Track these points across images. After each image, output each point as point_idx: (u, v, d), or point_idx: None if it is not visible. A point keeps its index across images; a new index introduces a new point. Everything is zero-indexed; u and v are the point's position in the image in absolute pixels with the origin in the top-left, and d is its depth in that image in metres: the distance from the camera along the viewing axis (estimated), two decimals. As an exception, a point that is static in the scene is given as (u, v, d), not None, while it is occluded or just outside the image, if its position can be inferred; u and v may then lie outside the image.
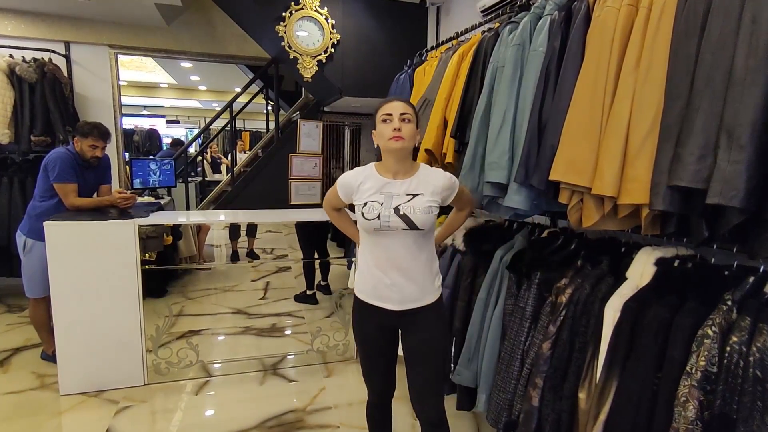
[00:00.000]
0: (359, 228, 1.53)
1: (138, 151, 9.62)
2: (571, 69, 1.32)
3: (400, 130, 1.38)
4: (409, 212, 1.40)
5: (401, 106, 1.41)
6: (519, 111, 1.56)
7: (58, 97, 3.71)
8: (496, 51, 1.71)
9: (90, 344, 2.41)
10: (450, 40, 2.62)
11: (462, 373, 1.92)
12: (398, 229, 1.40)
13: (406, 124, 1.39)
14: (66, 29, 4.02)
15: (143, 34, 4.22)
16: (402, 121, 1.39)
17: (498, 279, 1.84)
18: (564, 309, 1.41)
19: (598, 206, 1.27)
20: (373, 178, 1.48)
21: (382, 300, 1.47)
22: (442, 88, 2.09)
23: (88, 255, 2.36)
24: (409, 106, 1.43)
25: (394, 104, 1.42)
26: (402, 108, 1.41)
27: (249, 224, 5.16)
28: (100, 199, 2.71)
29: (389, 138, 1.39)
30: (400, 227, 1.40)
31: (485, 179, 1.67)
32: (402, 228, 1.40)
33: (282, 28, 3.18)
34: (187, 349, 2.62)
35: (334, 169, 5.65)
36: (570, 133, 1.26)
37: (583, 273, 1.45)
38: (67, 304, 2.36)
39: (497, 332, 1.79)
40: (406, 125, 1.39)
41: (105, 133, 2.66)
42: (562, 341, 1.39)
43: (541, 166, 1.37)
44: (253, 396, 2.47)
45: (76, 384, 2.43)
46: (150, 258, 3.69)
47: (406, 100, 1.47)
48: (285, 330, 3.38)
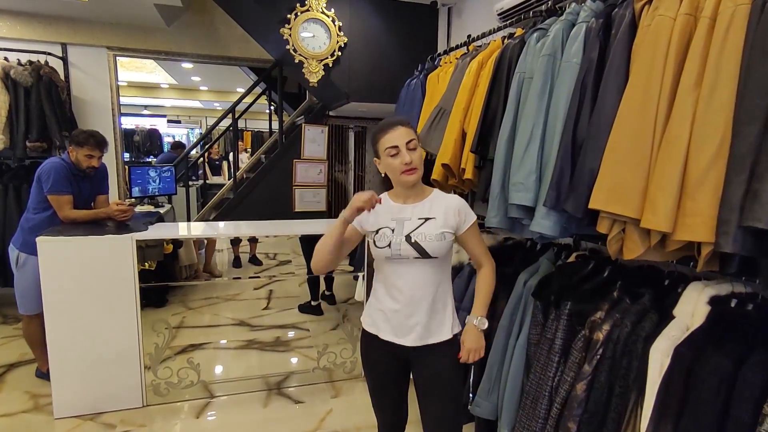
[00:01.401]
0: (372, 254, 1.44)
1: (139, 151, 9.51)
2: (613, 84, 1.18)
3: (412, 162, 1.31)
4: (421, 239, 1.33)
5: (405, 133, 1.32)
6: (549, 127, 1.43)
7: (55, 101, 3.58)
8: (522, 60, 1.58)
9: (85, 365, 2.29)
10: (463, 45, 2.49)
11: (481, 405, 1.79)
12: (410, 257, 1.34)
13: (414, 152, 1.33)
14: (63, 31, 3.89)
15: (143, 35, 4.08)
16: (410, 151, 1.32)
17: (522, 305, 1.71)
18: (601, 347, 1.28)
19: (643, 238, 1.14)
20: (385, 204, 1.42)
21: (395, 334, 1.39)
22: (460, 97, 1.96)
23: (83, 271, 2.24)
24: (411, 129, 1.34)
25: (397, 133, 1.32)
26: (406, 135, 1.32)
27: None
28: (97, 212, 2.58)
29: (402, 172, 1.33)
30: (412, 256, 1.33)
31: (509, 201, 1.53)
32: (414, 257, 1.33)
33: (287, 30, 3.05)
34: (187, 369, 2.50)
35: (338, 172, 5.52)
36: (614, 157, 1.13)
37: (622, 307, 1.32)
38: (60, 322, 2.24)
39: (520, 363, 1.66)
40: (414, 154, 1.33)
41: (102, 142, 2.53)
42: (600, 384, 1.26)
43: (578, 191, 1.24)
44: (257, 419, 2.35)
45: (71, 406, 2.31)
46: (150, 267, 3.57)
47: (405, 120, 1.36)
48: (289, 344, 3.26)
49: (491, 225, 1.66)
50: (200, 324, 3.57)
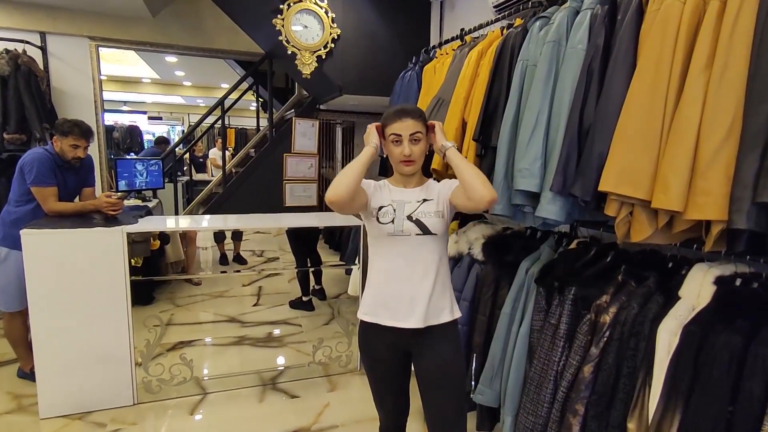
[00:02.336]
0: (371, 239, 1.45)
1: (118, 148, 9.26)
2: (621, 69, 1.20)
3: (411, 155, 1.36)
4: (421, 216, 1.36)
5: (412, 125, 1.36)
6: (554, 113, 1.44)
7: (34, 91, 3.45)
8: (525, 48, 1.59)
9: (73, 362, 2.22)
10: (457, 38, 2.49)
11: (484, 393, 1.80)
12: (411, 234, 1.36)
13: (416, 145, 1.37)
14: (41, 19, 3.75)
15: (126, 25, 3.97)
16: (412, 143, 1.36)
17: (524, 293, 1.72)
18: (609, 329, 1.30)
19: (651, 220, 1.16)
20: (387, 187, 1.47)
21: (395, 318, 1.38)
22: (459, 87, 1.96)
23: (70, 265, 2.16)
24: (419, 121, 1.37)
25: (404, 124, 1.36)
26: (412, 127, 1.36)
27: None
28: (84, 204, 2.49)
29: (399, 162, 1.39)
30: (414, 232, 1.36)
31: (515, 187, 1.54)
32: (416, 233, 1.36)
33: (280, 21, 3.00)
34: (180, 365, 2.44)
35: (325, 168, 5.49)
36: (623, 140, 1.14)
37: (627, 290, 1.34)
38: (46, 318, 2.16)
39: (523, 350, 1.67)
40: (416, 146, 1.37)
41: (87, 132, 2.45)
42: (608, 365, 1.28)
43: (587, 175, 1.25)
44: (252, 415, 2.31)
45: (58, 406, 2.23)
46: (136, 264, 3.47)
47: (416, 111, 1.39)
48: (282, 339, 3.22)
49: (495, 213, 1.67)
50: (189, 321, 3.49)
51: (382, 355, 1.44)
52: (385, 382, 1.50)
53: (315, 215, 3.26)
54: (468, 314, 1.93)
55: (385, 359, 1.45)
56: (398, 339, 1.39)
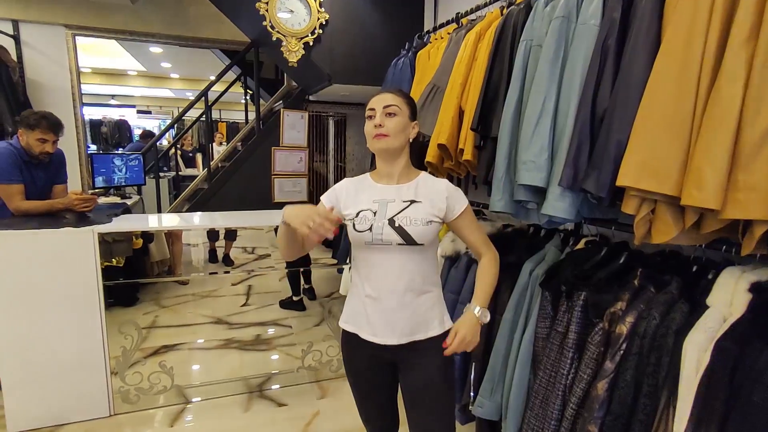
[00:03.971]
0: (351, 246, 1.29)
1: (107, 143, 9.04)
2: (642, 46, 1.04)
3: (382, 126, 1.19)
4: (405, 224, 1.18)
5: (387, 98, 1.22)
6: (562, 99, 1.29)
7: (5, 82, 3.27)
8: (529, 27, 1.43)
9: (43, 372, 2.07)
10: (453, 21, 2.32)
11: (484, 405, 1.66)
12: (393, 243, 1.18)
13: (391, 118, 1.20)
14: (13, 6, 3.55)
15: (105, 13, 3.77)
16: (387, 116, 1.20)
17: (528, 297, 1.57)
18: (625, 342, 1.15)
19: (677, 219, 1.01)
20: (366, 184, 1.29)
21: (375, 333, 1.24)
22: (456, 72, 1.80)
23: (37, 268, 2.00)
24: (399, 96, 1.23)
25: (379, 96, 1.23)
26: (388, 99, 1.21)
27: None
28: (53, 202, 2.32)
29: (372, 137, 1.22)
30: (395, 241, 1.18)
31: (518, 181, 1.39)
32: (397, 242, 1.18)
33: (263, 5, 2.82)
34: (160, 373, 2.29)
35: (318, 162, 5.32)
36: (646, 127, 0.99)
37: (646, 297, 1.19)
38: (12, 326, 2.01)
39: (527, 359, 1.53)
40: (390, 119, 1.20)
41: (55, 125, 2.27)
42: (625, 382, 1.14)
43: (601, 168, 1.10)
44: (237, 425, 2.17)
45: (28, 418, 2.08)
46: (118, 264, 3.31)
47: (398, 89, 1.25)
48: (271, 342, 3.07)
49: (496, 209, 1.52)
50: (174, 323, 3.33)
51: (365, 367, 1.31)
52: (370, 395, 1.36)
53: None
54: (466, 319, 1.78)
55: (369, 371, 1.31)
56: (381, 352, 1.25)
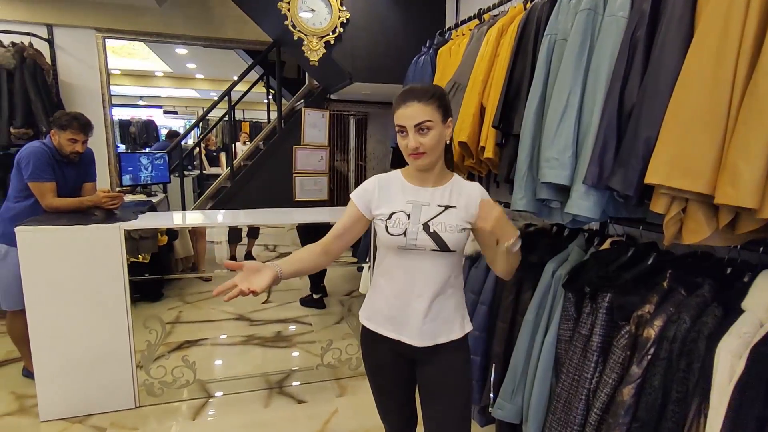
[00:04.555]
0: (379, 246, 1.26)
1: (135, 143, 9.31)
2: (674, 37, 1.00)
3: (418, 148, 1.12)
4: (440, 230, 1.16)
5: (416, 112, 1.10)
6: (587, 94, 1.25)
7: (40, 84, 3.38)
8: (553, 20, 1.39)
9: (72, 364, 2.13)
10: (474, 17, 2.29)
11: (504, 407, 1.63)
12: (426, 249, 1.16)
13: (426, 135, 1.12)
14: (48, 11, 3.67)
15: (132, 16, 3.87)
16: (419, 133, 1.11)
17: (550, 298, 1.53)
18: (653, 346, 1.11)
19: (710, 218, 0.97)
20: (398, 183, 1.24)
21: (399, 332, 1.23)
22: (477, 69, 1.77)
23: (67, 263, 2.07)
24: (428, 104, 1.11)
25: (407, 110, 1.11)
26: (417, 115, 1.10)
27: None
28: (82, 199, 2.39)
29: (408, 155, 1.16)
30: (429, 247, 1.16)
31: (541, 179, 1.35)
32: (431, 248, 1.16)
33: (285, 5, 2.84)
34: (182, 367, 2.34)
35: (338, 161, 5.33)
36: (677, 122, 0.95)
37: (676, 299, 1.15)
38: (44, 319, 2.08)
39: (549, 362, 1.49)
40: (425, 136, 1.12)
41: (86, 125, 2.34)
42: (652, 388, 1.09)
43: (628, 165, 1.06)
44: (257, 421, 2.19)
45: (58, 408, 2.15)
46: (144, 260, 3.40)
47: (426, 92, 1.13)
48: (291, 339, 3.10)
49: (517, 208, 1.48)
50: (198, 319, 3.40)
51: (385, 361, 1.30)
52: (388, 390, 1.36)
53: (327, 210, 3.11)
54: (486, 320, 1.76)
55: (388, 366, 1.31)
56: (401, 349, 1.25)
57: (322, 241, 1.25)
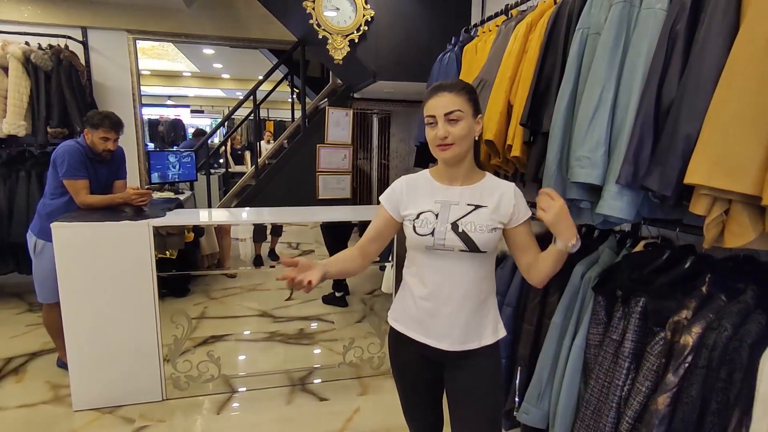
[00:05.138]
0: (408, 246, 1.24)
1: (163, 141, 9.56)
2: (717, 31, 0.95)
3: (447, 137, 1.10)
4: (470, 230, 1.13)
5: (449, 102, 1.10)
6: (622, 90, 1.20)
7: (75, 85, 3.50)
8: (585, 14, 1.34)
9: (103, 356, 2.20)
10: (501, 13, 2.24)
11: (529, 411, 1.59)
12: (455, 249, 1.14)
13: (455, 125, 1.11)
14: (83, 14, 3.80)
15: (162, 17, 3.96)
16: (449, 123, 1.11)
17: (579, 301, 1.49)
18: (691, 354, 1.06)
19: (755, 221, 0.91)
20: (427, 183, 1.22)
21: (428, 335, 1.21)
22: (505, 65, 1.73)
23: (99, 258, 2.13)
24: (459, 95, 1.11)
25: (438, 100, 1.12)
26: (448, 104, 1.10)
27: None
28: (113, 197, 2.47)
29: (435, 146, 1.14)
30: (457, 248, 1.13)
31: (571, 179, 1.31)
32: (460, 249, 1.13)
33: (310, 4, 2.86)
34: (208, 362, 2.38)
35: (361, 160, 5.34)
36: (721, 119, 0.90)
37: (716, 305, 1.09)
38: (77, 312, 2.15)
39: (577, 367, 1.45)
40: (454, 126, 1.11)
41: (117, 124, 2.41)
42: (690, 398, 1.05)
43: (667, 164, 1.02)
44: (280, 417, 2.21)
45: (90, 399, 2.22)
46: (171, 256, 3.48)
47: (457, 84, 1.14)
48: (314, 337, 3.12)
49: (546, 208, 1.44)
50: (222, 315, 3.47)
51: (412, 365, 1.29)
52: (415, 392, 1.34)
53: (350, 209, 3.12)
54: (512, 322, 1.72)
55: (416, 368, 1.29)
56: (429, 352, 1.23)
57: (359, 244, 1.26)
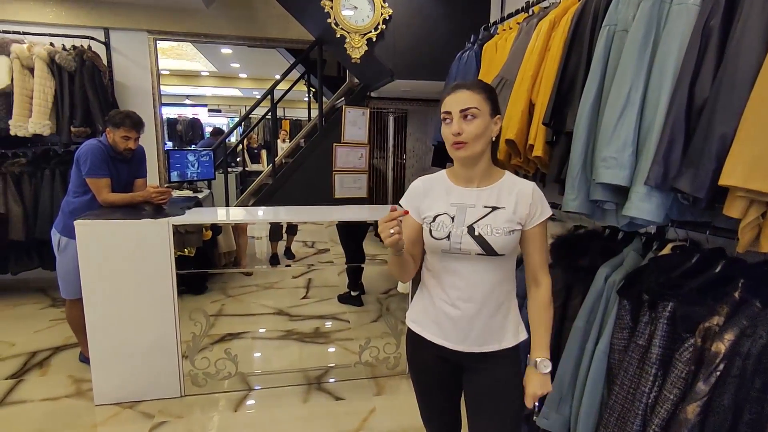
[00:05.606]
0: (426, 249, 1.23)
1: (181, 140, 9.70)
2: (756, 25, 0.91)
3: (461, 134, 1.09)
4: (486, 232, 1.11)
5: (465, 99, 1.09)
6: (651, 89, 1.16)
7: (97, 85, 3.57)
8: (612, 10, 1.31)
9: (124, 352, 2.24)
10: (522, 10, 2.20)
11: (550, 417, 1.56)
12: (471, 253, 1.12)
13: (470, 122, 1.09)
14: (105, 15, 3.87)
15: (182, 18, 4.01)
16: (465, 119, 1.09)
17: (602, 304, 1.45)
18: (723, 362, 1.02)
19: (795, 224, 0.87)
20: (443, 185, 1.20)
21: (447, 338, 1.19)
22: (527, 63, 1.70)
23: (120, 255, 2.17)
24: (477, 92, 1.10)
25: (455, 97, 1.11)
26: (464, 100, 1.09)
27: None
28: (134, 195, 2.50)
29: (450, 145, 1.12)
30: (474, 251, 1.12)
31: (596, 180, 1.28)
32: (476, 252, 1.11)
33: (328, 3, 2.86)
34: (225, 360, 2.40)
35: (377, 159, 5.33)
36: (758, 118, 0.86)
37: (750, 312, 1.05)
38: (99, 307, 2.19)
39: (601, 372, 1.42)
40: (469, 124, 1.09)
41: (138, 123, 2.44)
42: (722, 407, 1.01)
43: (700, 165, 0.98)
44: (296, 416, 2.22)
45: (111, 393, 2.27)
46: (189, 254, 3.52)
47: (475, 83, 1.13)
48: (329, 336, 3.12)
49: (569, 209, 1.41)
50: (239, 312, 3.50)
51: (430, 367, 1.27)
52: (432, 395, 1.32)
53: (366, 208, 3.11)
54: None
55: (433, 370, 1.27)
56: (446, 354, 1.21)
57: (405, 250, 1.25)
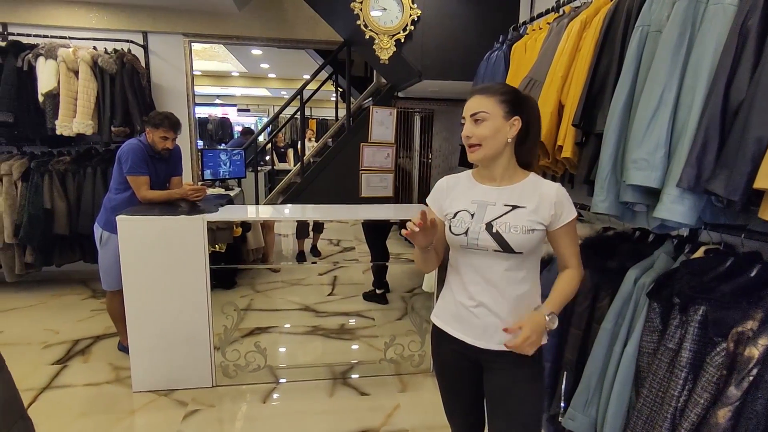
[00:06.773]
0: (449, 244, 1.26)
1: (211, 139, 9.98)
2: (796, 25, 0.89)
3: (471, 137, 1.14)
4: (504, 230, 1.12)
5: (474, 103, 1.15)
6: (685, 90, 1.15)
7: (136, 87, 3.73)
8: (646, 11, 1.30)
9: (160, 341, 2.35)
10: (552, 10, 2.19)
11: (576, 418, 1.56)
12: (489, 249, 1.14)
13: (479, 126, 1.14)
14: (144, 19, 4.04)
15: (215, 21, 4.15)
16: (475, 123, 1.14)
17: (631, 307, 1.44)
18: (756, 367, 1.01)
19: (835, 228, 0.85)
20: (467, 183, 1.24)
21: (466, 333, 1.22)
22: (556, 64, 1.70)
23: (158, 250, 2.28)
24: (486, 96, 1.14)
25: (468, 102, 1.17)
26: (473, 105, 1.14)
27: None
28: (171, 192, 2.62)
29: (466, 147, 1.18)
30: (491, 248, 1.14)
31: (626, 181, 1.27)
32: (493, 249, 1.13)
33: (358, 4, 2.91)
34: (254, 353, 2.49)
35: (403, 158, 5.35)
36: (797, 121, 0.85)
37: (786, 317, 1.03)
38: (138, 299, 2.31)
39: (629, 374, 1.41)
40: (478, 127, 1.14)
41: (176, 124, 2.55)
42: (754, 413, 1.00)
43: (735, 167, 0.97)
44: (323, 409, 2.28)
45: (148, 381, 2.38)
46: (220, 250, 3.64)
47: (490, 87, 1.17)
48: (355, 332, 3.18)
49: (598, 211, 1.41)
50: (267, 307, 3.60)
51: (452, 361, 1.29)
52: (455, 390, 1.35)
53: (392, 207, 3.15)
54: (558, 326, 1.68)
55: (455, 366, 1.29)
56: (468, 351, 1.23)
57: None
